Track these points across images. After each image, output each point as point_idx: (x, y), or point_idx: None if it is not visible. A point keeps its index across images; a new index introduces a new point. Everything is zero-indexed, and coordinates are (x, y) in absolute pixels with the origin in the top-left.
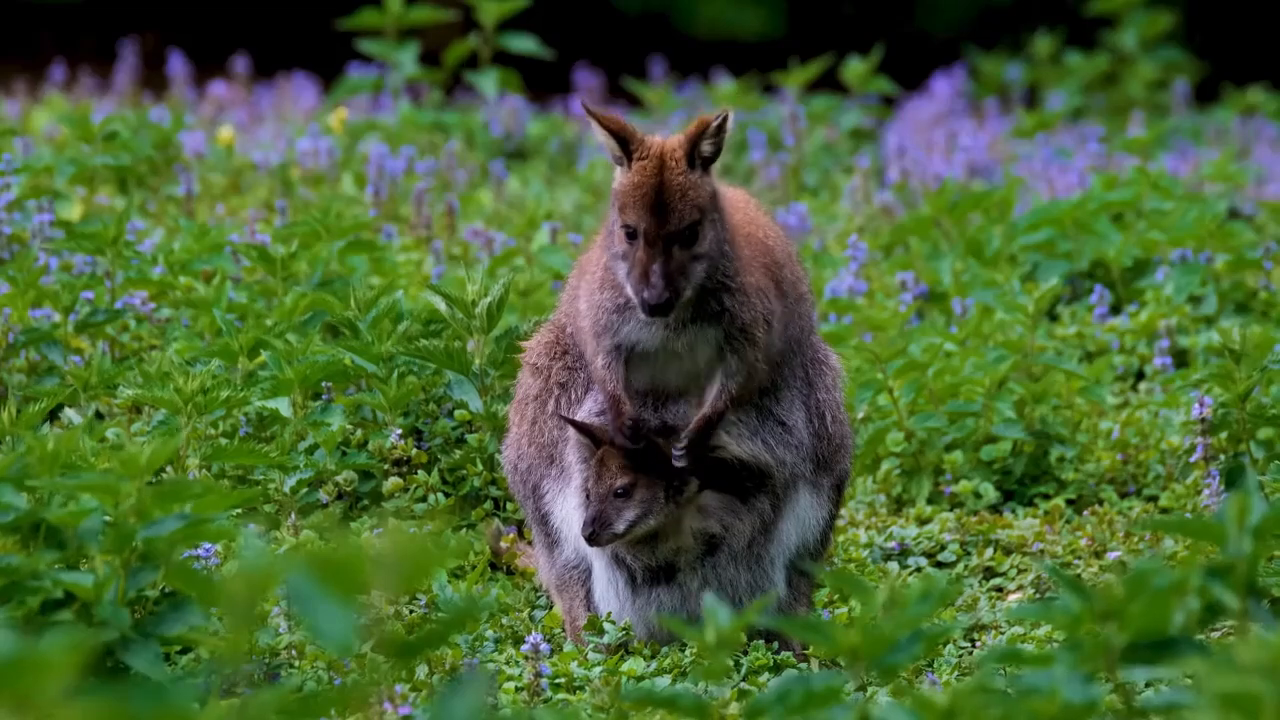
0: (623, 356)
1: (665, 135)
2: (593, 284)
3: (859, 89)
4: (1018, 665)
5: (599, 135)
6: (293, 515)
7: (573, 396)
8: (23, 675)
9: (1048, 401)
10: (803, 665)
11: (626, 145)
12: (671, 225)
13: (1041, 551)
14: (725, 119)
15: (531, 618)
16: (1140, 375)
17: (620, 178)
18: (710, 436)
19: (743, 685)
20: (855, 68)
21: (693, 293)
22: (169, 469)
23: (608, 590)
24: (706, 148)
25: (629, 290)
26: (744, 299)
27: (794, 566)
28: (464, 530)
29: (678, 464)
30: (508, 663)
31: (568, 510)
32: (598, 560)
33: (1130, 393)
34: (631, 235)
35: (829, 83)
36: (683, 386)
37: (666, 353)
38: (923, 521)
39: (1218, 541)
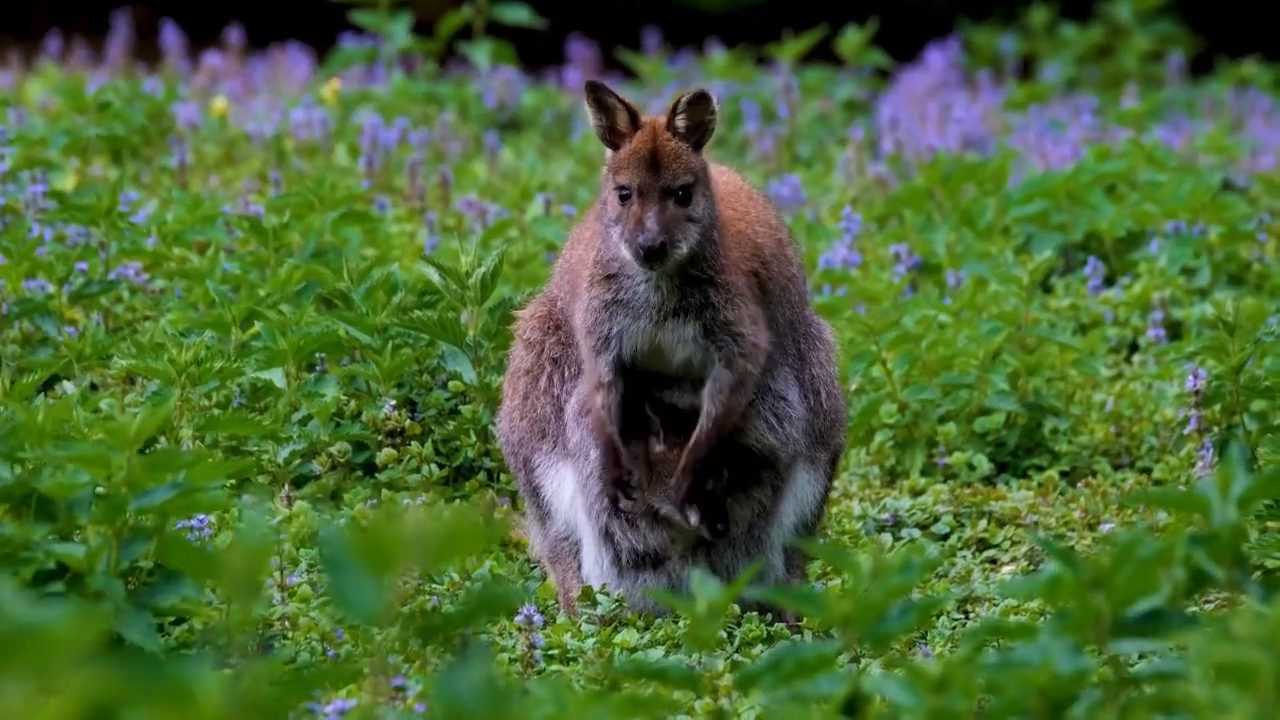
0: (619, 384)
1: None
2: (583, 286)
3: (854, 60)
4: (1008, 637)
5: (592, 119)
6: (286, 486)
7: (565, 373)
8: (33, 647)
9: (1041, 373)
10: (796, 637)
11: (635, 119)
12: (666, 180)
13: (1035, 523)
14: (700, 95)
15: (525, 589)
16: (1134, 347)
17: (613, 154)
18: (701, 476)
19: (736, 657)
20: (850, 39)
21: (686, 253)
22: (163, 440)
23: (594, 569)
24: (680, 122)
25: (622, 247)
26: (728, 296)
27: (791, 545)
28: (458, 502)
29: (667, 505)
30: (501, 634)
31: (559, 483)
32: (587, 535)
33: (1124, 365)
34: (625, 196)
35: (823, 55)
36: (677, 374)
37: (654, 347)
38: (916, 493)
39: (1203, 512)
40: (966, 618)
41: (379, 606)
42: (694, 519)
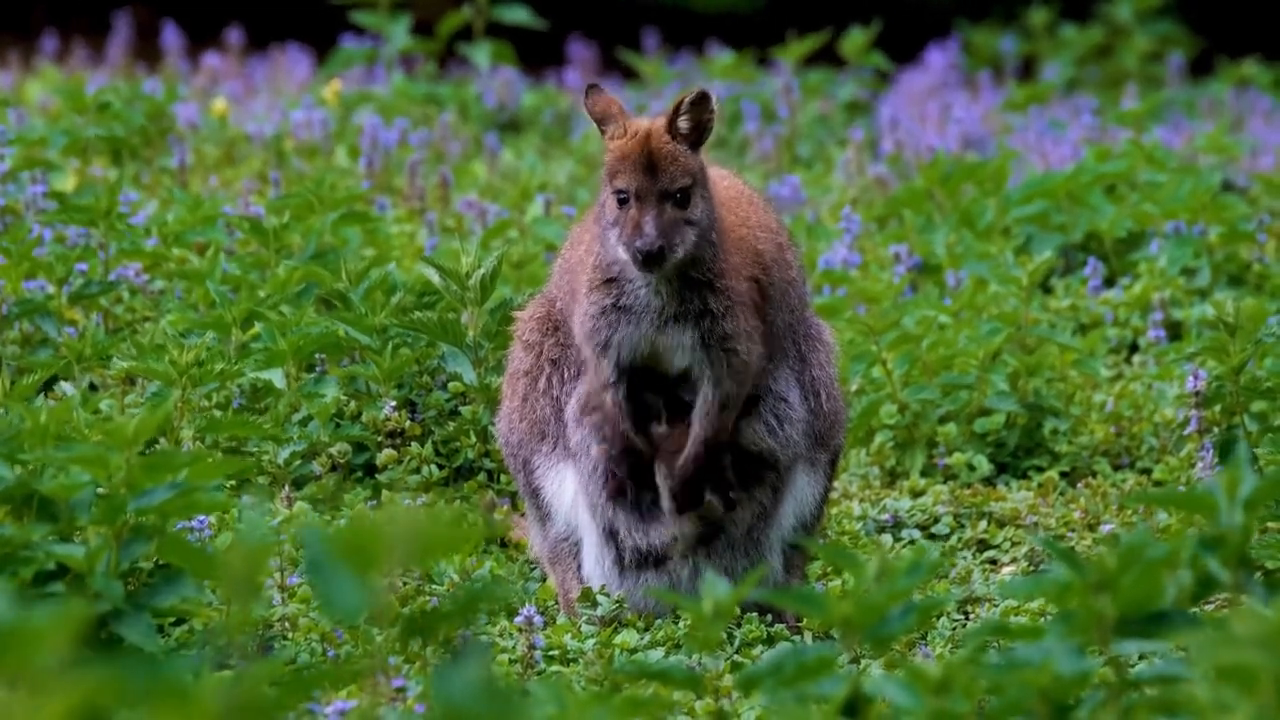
0: (624, 381)
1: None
2: (581, 290)
3: (855, 61)
4: (1009, 638)
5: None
6: (286, 487)
7: (565, 374)
8: (16, 644)
9: (1041, 374)
10: (796, 638)
11: (626, 126)
12: (663, 183)
13: (1035, 524)
14: (702, 95)
15: (525, 590)
16: (1134, 348)
17: (611, 157)
18: (699, 481)
19: (736, 658)
20: (853, 39)
21: (684, 256)
22: (163, 441)
23: (595, 569)
24: (683, 123)
25: (620, 251)
26: (728, 304)
27: (790, 545)
28: (457, 502)
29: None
30: (501, 635)
31: (559, 484)
32: (588, 536)
33: (1124, 365)
34: (623, 200)
35: (824, 56)
36: (678, 375)
37: (653, 352)
38: (916, 494)
39: (1209, 514)
40: (967, 619)
41: (361, 606)
42: (706, 493)
